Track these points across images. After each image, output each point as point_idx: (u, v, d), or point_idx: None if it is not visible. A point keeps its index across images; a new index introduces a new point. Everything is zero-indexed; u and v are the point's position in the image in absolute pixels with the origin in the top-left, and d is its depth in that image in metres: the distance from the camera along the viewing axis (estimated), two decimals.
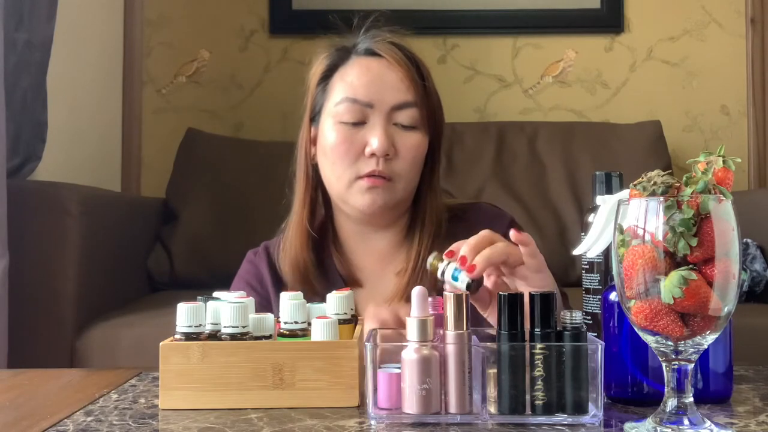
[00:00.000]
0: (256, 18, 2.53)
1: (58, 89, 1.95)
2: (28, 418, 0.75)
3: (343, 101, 1.12)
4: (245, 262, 1.25)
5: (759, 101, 2.50)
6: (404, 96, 1.12)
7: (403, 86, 1.12)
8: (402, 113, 1.12)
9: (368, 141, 1.10)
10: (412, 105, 1.12)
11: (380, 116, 1.11)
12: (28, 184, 1.74)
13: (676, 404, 0.66)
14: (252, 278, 1.21)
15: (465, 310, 0.72)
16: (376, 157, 1.09)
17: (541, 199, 2.20)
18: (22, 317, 1.58)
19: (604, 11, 2.51)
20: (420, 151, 1.14)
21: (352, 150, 1.10)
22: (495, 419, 0.70)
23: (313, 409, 0.75)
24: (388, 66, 1.13)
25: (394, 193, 1.12)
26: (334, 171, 1.13)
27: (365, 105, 1.11)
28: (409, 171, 1.13)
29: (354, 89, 1.12)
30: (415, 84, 1.13)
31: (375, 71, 1.13)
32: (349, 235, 1.20)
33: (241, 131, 2.50)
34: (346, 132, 1.11)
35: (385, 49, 1.15)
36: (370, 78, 1.12)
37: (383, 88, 1.12)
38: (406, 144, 1.12)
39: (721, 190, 0.65)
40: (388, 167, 1.10)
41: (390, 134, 1.11)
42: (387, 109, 1.11)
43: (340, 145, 1.11)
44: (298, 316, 0.81)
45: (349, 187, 1.12)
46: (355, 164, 1.11)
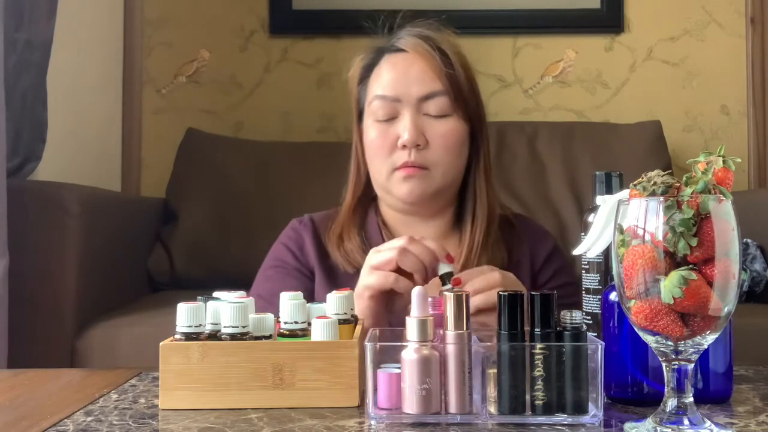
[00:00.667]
0: (256, 18, 2.53)
1: (58, 89, 1.95)
2: (28, 418, 0.75)
3: (374, 99, 1.18)
4: (288, 229, 1.27)
5: (759, 101, 2.50)
6: (430, 86, 1.15)
7: (428, 77, 1.16)
8: (430, 103, 1.16)
9: (399, 133, 1.15)
10: (439, 94, 1.16)
11: (408, 109, 1.15)
12: (28, 184, 1.74)
13: (676, 404, 0.66)
14: (293, 245, 1.24)
15: (465, 310, 0.72)
16: (408, 148, 1.14)
17: (541, 199, 2.20)
18: (22, 317, 1.58)
19: (604, 11, 2.51)
20: (454, 138, 1.16)
21: (387, 144, 1.16)
22: (495, 419, 0.70)
23: (313, 409, 0.75)
24: (412, 59, 1.17)
25: (432, 181, 1.16)
26: (374, 165, 1.18)
27: (393, 100, 1.16)
28: (443, 158, 1.16)
29: (382, 86, 1.17)
30: (440, 73, 1.16)
31: (400, 66, 1.18)
32: (395, 224, 1.24)
33: (241, 131, 2.50)
34: (381, 128, 1.17)
35: (409, 44, 1.19)
36: (395, 73, 1.17)
37: (408, 81, 1.16)
38: (438, 132, 1.15)
39: (721, 190, 0.65)
40: (421, 157, 1.14)
41: (419, 125, 1.15)
42: (414, 101, 1.15)
43: (375, 141, 1.17)
44: (298, 316, 0.81)
45: (388, 178, 1.17)
46: (390, 157, 1.16)
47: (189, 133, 2.30)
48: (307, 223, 1.26)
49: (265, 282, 1.21)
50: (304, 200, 1.98)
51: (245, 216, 2.14)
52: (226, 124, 2.49)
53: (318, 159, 2.21)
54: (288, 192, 2.15)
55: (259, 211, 2.13)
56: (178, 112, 2.51)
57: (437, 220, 1.22)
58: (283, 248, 1.24)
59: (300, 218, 1.28)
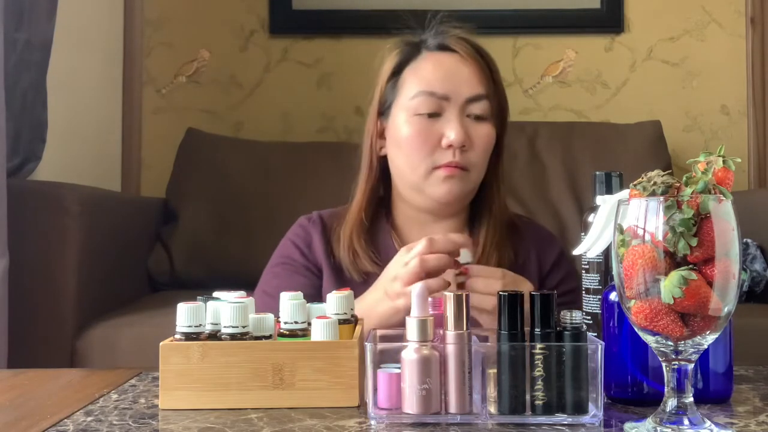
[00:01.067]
0: (256, 18, 2.53)
1: (58, 89, 1.95)
2: (28, 418, 0.75)
3: (418, 95, 1.16)
4: (296, 226, 1.27)
5: (759, 101, 2.50)
6: (477, 89, 1.17)
7: (476, 80, 1.17)
8: (475, 105, 1.17)
9: (444, 133, 1.15)
10: (484, 97, 1.17)
11: (455, 108, 1.16)
12: (28, 184, 1.74)
13: (676, 404, 0.66)
14: (301, 242, 1.23)
15: (465, 310, 0.72)
16: (453, 149, 1.14)
17: (541, 199, 2.20)
18: (22, 317, 1.58)
19: (604, 11, 2.51)
20: (490, 142, 1.19)
21: (429, 141, 1.15)
22: (495, 419, 0.70)
23: (313, 409, 0.75)
24: (461, 60, 1.18)
25: (469, 183, 1.18)
26: (410, 162, 1.17)
27: (441, 98, 1.16)
28: (481, 161, 1.18)
29: (429, 83, 1.16)
30: (486, 77, 1.18)
31: (448, 65, 1.18)
32: (407, 224, 1.24)
33: (241, 131, 2.50)
34: (422, 124, 1.16)
35: (456, 44, 1.20)
36: (444, 72, 1.17)
37: (458, 81, 1.17)
38: (479, 134, 1.17)
39: (721, 190, 0.65)
40: (464, 158, 1.15)
41: (465, 126, 1.15)
42: (462, 102, 1.16)
43: (416, 137, 1.15)
44: (298, 316, 0.81)
45: (426, 177, 1.16)
46: (431, 155, 1.15)
47: (189, 133, 2.30)
48: (315, 220, 1.26)
49: (272, 279, 1.21)
50: (304, 200, 1.98)
51: (245, 216, 2.14)
52: (226, 124, 2.49)
53: (318, 159, 2.21)
54: (288, 192, 2.15)
55: (259, 211, 2.13)
56: (178, 112, 2.51)
57: (451, 221, 1.23)
58: (291, 245, 1.24)
59: (308, 215, 1.28)
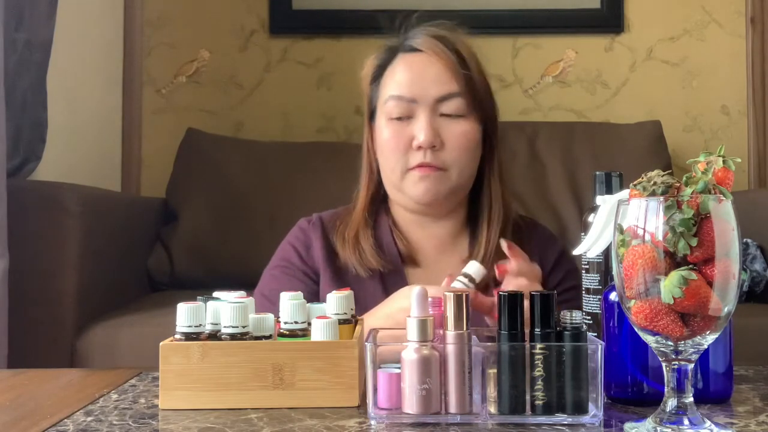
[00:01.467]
0: (256, 18, 2.53)
1: (58, 89, 1.95)
2: (28, 418, 0.75)
3: (389, 99, 1.17)
4: (296, 229, 1.27)
5: (759, 101, 2.50)
6: (447, 87, 1.16)
7: (445, 78, 1.16)
8: (447, 104, 1.16)
9: (415, 134, 1.15)
10: (455, 95, 1.16)
11: (425, 109, 1.15)
12: (28, 184, 1.74)
13: (676, 404, 0.66)
14: (300, 245, 1.23)
15: (465, 310, 0.72)
16: (423, 149, 1.14)
17: (541, 199, 2.20)
18: (22, 317, 1.58)
19: (604, 11, 2.51)
20: (469, 139, 1.17)
21: (401, 143, 1.15)
22: (495, 419, 0.70)
23: (313, 409, 0.75)
24: (428, 60, 1.17)
25: (448, 182, 1.16)
26: (388, 164, 1.18)
27: (410, 101, 1.16)
28: (459, 159, 1.16)
29: (398, 86, 1.17)
30: (457, 74, 1.16)
31: (416, 66, 1.18)
32: (405, 223, 1.24)
33: (241, 131, 2.50)
34: (395, 127, 1.16)
35: (425, 44, 1.19)
36: (412, 74, 1.17)
37: (425, 82, 1.16)
38: (454, 133, 1.15)
39: (721, 190, 0.65)
40: (437, 158, 1.15)
41: (435, 126, 1.15)
42: (431, 102, 1.15)
43: (390, 140, 1.17)
44: (298, 316, 0.81)
45: (402, 178, 1.17)
46: (404, 156, 1.16)
47: (189, 133, 2.30)
48: (315, 222, 1.26)
49: (270, 281, 1.21)
50: (304, 200, 1.99)
51: (245, 216, 2.13)
52: (226, 124, 2.49)
53: (318, 159, 2.21)
54: (288, 192, 2.15)
55: (259, 211, 2.13)
56: (178, 112, 2.51)
57: (449, 221, 1.23)
58: (290, 248, 1.24)
59: (308, 217, 1.28)
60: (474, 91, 1.18)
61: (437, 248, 1.23)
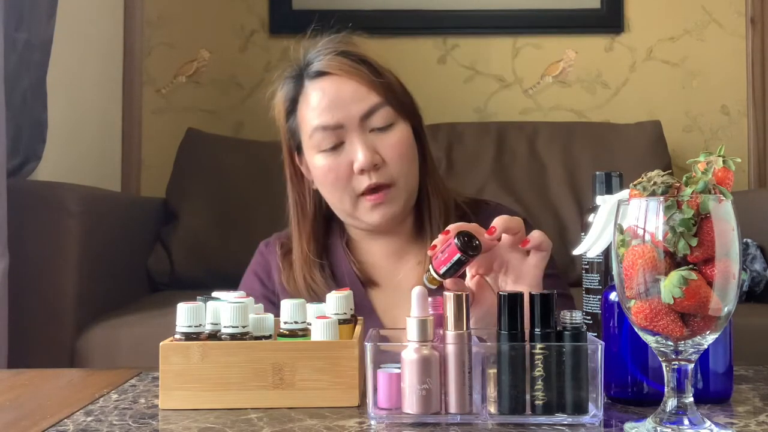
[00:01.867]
0: (256, 18, 2.53)
1: (58, 89, 1.95)
2: (28, 418, 0.75)
3: (314, 131, 1.12)
4: (257, 254, 1.25)
5: (759, 101, 2.50)
6: (367, 102, 1.11)
7: (363, 93, 1.11)
8: (373, 118, 1.11)
9: (353, 158, 1.10)
10: (379, 106, 1.11)
11: (354, 131, 1.10)
12: (28, 184, 1.74)
13: (676, 404, 0.66)
14: (261, 270, 1.22)
15: (465, 310, 0.72)
16: (366, 171, 1.09)
17: (541, 199, 2.20)
18: (22, 317, 1.58)
19: (604, 11, 2.51)
20: (406, 145, 1.13)
21: (342, 173, 1.10)
22: (495, 419, 0.70)
23: (313, 409, 0.75)
24: (340, 81, 1.11)
25: (400, 197, 1.13)
26: (334, 196, 1.13)
27: (336, 127, 1.10)
28: (403, 168, 1.12)
29: (319, 116, 1.11)
30: (373, 85, 1.11)
31: (330, 90, 1.12)
32: (360, 239, 1.21)
33: (241, 131, 2.50)
34: (330, 159, 1.11)
35: (332, 66, 1.12)
36: (328, 100, 1.11)
37: (344, 103, 1.10)
38: (389, 144, 1.11)
39: (721, 190, 0.65)
40: (382, 175, 1.10)
41: (370, 144, 1.10)
42: (357, 122, 1.10)
43: (329, 174, 1.11)
44: (298, 316, 0.81)
45: (354, 207, 1.12)
46: (349, 184, 1.11)
47: (189, 133, 2.30)
48: (273, 245, 1.23)
49: None
50: None
51: (245, 216, 2.13)
52: (226, 124, 2.49)
53: None
54: None
55: (259, 211, 2.13)
56: (178, 112, 2.51)
57: (401, 231, 1.19)
58: (253, 276, 1.22)
59: (267, 241, 1.26)
60: (395, 96, 1.13)
61: (392, 257, 1.19)
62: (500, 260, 0.88)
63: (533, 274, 0.87)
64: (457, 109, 2.47)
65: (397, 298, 1.14)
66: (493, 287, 0.89)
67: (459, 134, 2.30)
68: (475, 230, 0.85)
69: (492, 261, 0.88)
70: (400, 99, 1.14)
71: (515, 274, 0.88)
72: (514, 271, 0.88)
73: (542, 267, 0.88)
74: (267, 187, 2.19)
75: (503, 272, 0.89)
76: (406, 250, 1.20)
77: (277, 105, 1.21)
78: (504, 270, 0.89)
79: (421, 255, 1.17)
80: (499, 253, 0.88)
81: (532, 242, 0.86)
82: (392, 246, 1.19)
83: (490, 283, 0.90)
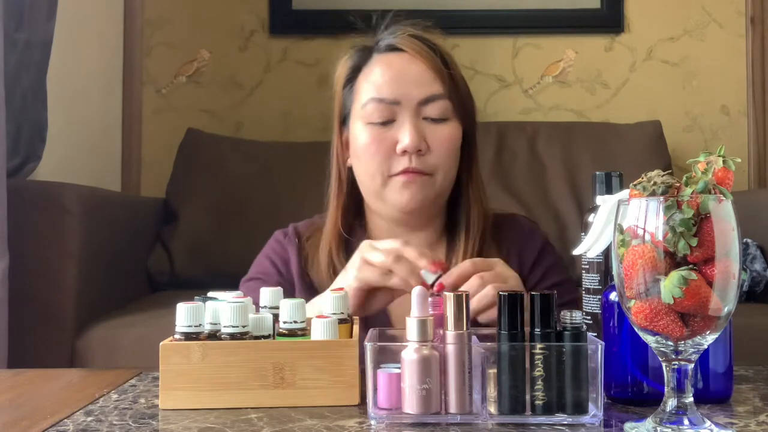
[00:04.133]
0: (256, 18, 2.53)
1: (58, 89, 1.95)
2: (28, 418, 0.75)
3: (369, 102, 1.11)
4: (273, 241, 1.23)
5: (759, 101, 2.50)
6: (430, 89, 1.10)
7: (428, 78, 1.10)
8: (430, 106, 1.10)
9: (399, 138, 1.09)
10: (439, 97, 1.11)
11: (408, 112, 1.09)
12: (28, 184, 1.74)
13: (676, 404, 0.66)
14: (277, 258, 1.19)
15: (465, 310, 0.72)
16: (408, 154, 1.08)
17: (541, 199, 2.20)
18: (22, 317, 1.58)
19: (604, 11, 2.51)
20: (454, 142, 1.12)
21: (383, 149, 1.09)
22: (495, 419, 0.70)
23: (313, 409, 0.75)
24: (410, 59, 1.11)
25: (433, 187, 1.11)
26: (368, 171, 1.12)
27: (392, 103, 1.10)
28: (444, 163, 1.11)
29: (378, 88, 1.11)
30: (440, 74, 1.11)
31: (397, 67, 1.11)
32: (381, 236, 1.17)
33: (241, 131, 2.50)
34: (376, 132, 1.10)
35: (405, 43, 1.13)
36: (393, 74, 1.11)
37: (408, 83, 1.10)
38: (438, 137, 1.10)
39: (721, 190, 0.65)
40: (423, 162, 1.09)
41: (420, 129, 1.09)
42: (414, 105, 1.10)
43: (370, 145, 1.10)
44: (297, 316, 0.81)
45: (384, 185, 1.11)
46: (386, 162, 1.10)
47: (189, 133, 2.30)
48: (291, 235, 1.21)
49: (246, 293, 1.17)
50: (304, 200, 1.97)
51: (245, 216, 2.14)
52: (226, 124, 2.49)
53: (318, 159, 2.18)
54: (288, 192, 2.15)
55: (259, 211, 2.13)
56: (178, 112, 2.51)
57: (427, 230, 1.17)
58: (268, 262, 1.19)
59: (284, 230, 1.23)
60: (457, 93, 1.13)
61: None
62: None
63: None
64: None
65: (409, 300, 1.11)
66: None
67: None
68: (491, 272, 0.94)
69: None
70: (462, 97, 1.14)
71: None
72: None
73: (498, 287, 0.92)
74: (267, 187, 2.20)
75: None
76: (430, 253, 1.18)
77: (339, 70, 1.19)
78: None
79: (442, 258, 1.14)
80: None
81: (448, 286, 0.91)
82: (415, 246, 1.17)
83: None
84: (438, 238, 1.19)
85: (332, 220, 1.17)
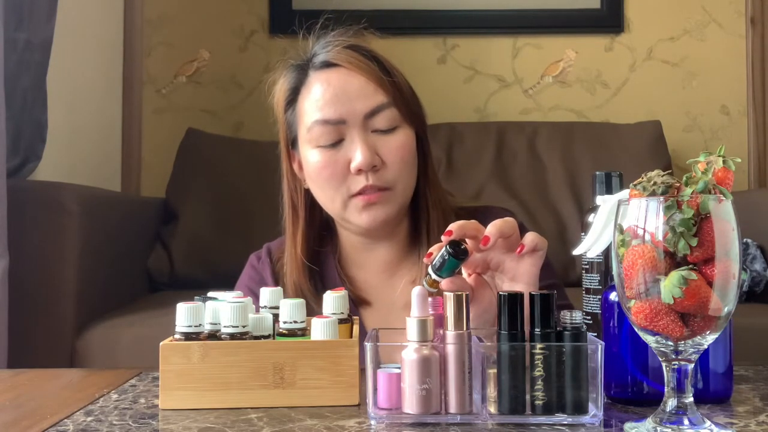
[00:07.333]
0: (256, 18, 2.53)
1: (58, 89, 1.95)
2: (28, 418, 0.75)
3: (314, 125, 1.07)
4: (248, 268, 1.21)
5: (759, 101, 2.50)
6: (374, 100, 1.06)
7: (370, 90, 1.06)
8: (377, 118, 1.06)
9: (351, 157, 1.05)
10: (385, 107, 1.06)
11: (356, 129, 1.05)
12: (28, 184, 1.74)
13: (676, 404, 0.66)
14: (254, 286, 1.16)
15: (465, 310, 0.72)
16: (364, 172, 1.04)
17: (541, 199, 2.20)
18: (22, 317, 1.58)
19: (604, 11, 2.52)
20: (408, 150, 1.08)
21: (338, 171, 1.05)
22: (495, 419, 0.70)
23: (314, 409, 0.75)
24: (347, 74, 1.07)
25: (395, 201, 1.08)
26: (326, 194, 1.08)
27: (337, 122, 1.05)
28: (402, 174, 1.08)
29: (321, 109, 1.06)
30: (382, 83, 1.06)
31: (336, 83, 1.07)
32: (353, 249, 1.16)
33: (241, 131, 2.50)
34: (327, 155, 1.06)
35: (340, 57, 1.08)
36: (333, 92, 1.06)
37: (350, 99, 1.05)
38: (391, 148, 1.06)
39: (721, 190, 0.65)
40: (380, 178, 1.05)
41: (371, 144, 1.05)
42: (360, 120, 1.05)
43: (324, 170, 1.06)
44: (297, 316, 0.81)
45: (344, 207, 1.07)
46: (344, 184, 1.06)
47: (189, 133, 2.30)
48: (264, 258, 1.19)
49: None
50: None
51: (245, 216, 2.13)
52: (226, 124, 2.49)
53: None
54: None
55: (259, 211, 2.12)
56: (178, 112, 2.51)
57: (395, 238, 1.14)
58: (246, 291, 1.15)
59: (257, 253, 1.21)
60: (403, 98, 1.08)
61: (385, 272, 1.15)
62: (496, 260, 0.88)
63: (530, 273, 0.86)
64: (457, 109, 2.47)
65: (391, 318, 1.08)
66: (491, 285, 0.89)
67: (459, 134, 2.31)
68: (474, 228, 0.84)
69: (488, 260, 0.88)
70: (408, 102, 1.10)
71: (511, 275, 0.87)
72: (510, 271, 0.87)
73: (539, 266, 0.87)
74: (267, 187, 2.19)
75: (500, 271, 0.88)
76: (399, 263, 1.15)
77: (276, 94, 1.15)
78: (501, 269, 0.88)
79: (415, 271, 1.12)
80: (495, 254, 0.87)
81: (527, 247, 0.85)
82: (385, 257, 1.15)
83: (488, 281, 0.89)
84: (408, 245, 1.16)
85: (290, 249, 1.14)
